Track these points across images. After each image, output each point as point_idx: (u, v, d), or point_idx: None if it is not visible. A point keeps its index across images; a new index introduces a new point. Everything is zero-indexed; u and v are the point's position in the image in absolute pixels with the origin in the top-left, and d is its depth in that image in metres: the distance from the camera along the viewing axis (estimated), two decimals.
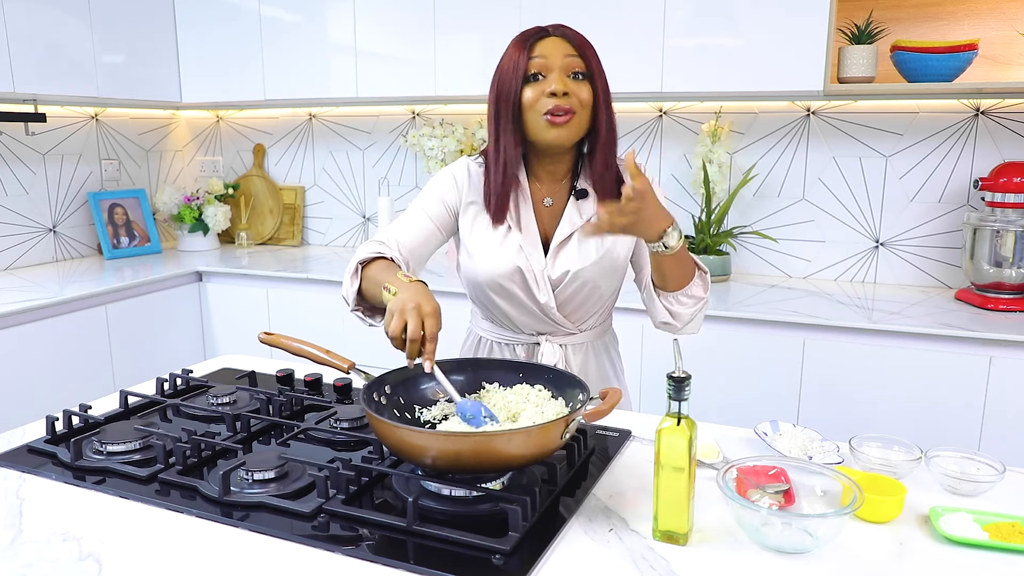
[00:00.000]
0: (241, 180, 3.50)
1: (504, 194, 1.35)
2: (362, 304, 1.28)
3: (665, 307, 1.31)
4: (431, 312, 1.06)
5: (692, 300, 1.29)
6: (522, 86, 1.28)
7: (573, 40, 1.30)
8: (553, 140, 1.29)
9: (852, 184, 2.58)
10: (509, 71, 1.30)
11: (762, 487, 0.98)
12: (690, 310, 1.30)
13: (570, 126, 1.28)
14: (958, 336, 1.98)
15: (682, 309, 1.30)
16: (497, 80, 1.32)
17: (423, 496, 1.00)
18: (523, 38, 1.31)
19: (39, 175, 2.93)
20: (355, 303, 1.27)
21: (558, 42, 1.29)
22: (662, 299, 1.31)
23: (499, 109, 1.32)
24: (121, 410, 1.35)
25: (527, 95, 1.28)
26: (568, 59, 1.28)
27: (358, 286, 1.25)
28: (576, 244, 1.36)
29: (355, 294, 1.26)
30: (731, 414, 2.12)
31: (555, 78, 1.26)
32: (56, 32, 2.61)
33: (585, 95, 1.28)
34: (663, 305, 1.31)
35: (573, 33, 1.31)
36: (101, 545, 0.92)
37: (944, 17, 2.40)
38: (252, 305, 2.86)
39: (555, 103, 1.26)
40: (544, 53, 1.28)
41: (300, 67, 2.90)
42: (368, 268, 1.25)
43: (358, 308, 1.28)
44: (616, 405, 1.15)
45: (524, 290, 1.36)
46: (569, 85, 1.27)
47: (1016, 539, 0.92)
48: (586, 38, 1.32)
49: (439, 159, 2.94)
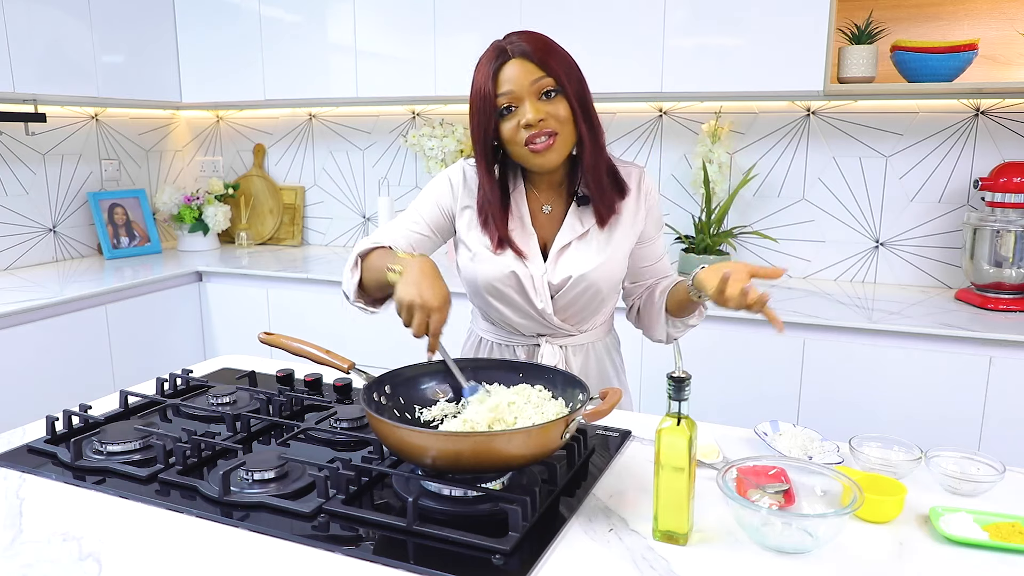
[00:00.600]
0: (241, 180, 3.50)
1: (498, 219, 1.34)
2: (363, 296, 1.29)
3: (668, 331, 1.43)
4: (438, 307, 1.07)
5: (687, 328, 1.44)
6: (498, 121, 1.27)
7: (535, 56, 1.23)
8: (541, 166, 1.28)
9: (852, 184, 2.58)
10: (479, 105, 1.27)
11: (762, 487, 0.98)
12: (682, 334, 1.45)
13: (555, 148, 1.26)
14: (958, 336, 1.97)
15: (677, 334, 1.45)
16: (473, 112, 1.29)
17: (423, 496, 1.00)
18: (486, 63, 1.26)
19: (39, 175, 2.93)
20: (355, 295, 1.28)
21: (521, 66, 1.23)
22: (668, 324, 1.42)
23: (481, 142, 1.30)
24: (121, 410, 1.35)
25: (505, 130, 1.27)
26: (535, 84, 1.23)
27: (359, 278, 1.26)
28: (578, 248, 1.35)
29: (356, 287, 1.26)
30: (731, 414, 2.12)
31: (527, 108, 1.23)
32: (56, 32, 2.61)
33: (562, 112, 1.25)
34: (665, 328, 1.43)
35: (533, 46, 1.24)
36: (101, 545, 0.92)
37: (944, 17, 2.40)
38: (252, 305, 2.86)
39: (532, 133, 1.24)
40: (510, 85, 1.23)
41: (300, 67, 2.90)
42: (367, 259, 1.26)
43: (359, 300, 1.29)
44: (616, 405, 1.15)
45: (521, 295, 1.36)
46: (542, 109, 1.24)
47: (1016, 539, 0.92)
48: (547, 43, 1.26)
49: (439, 159, 2.94)
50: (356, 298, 1.29)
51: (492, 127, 1.27)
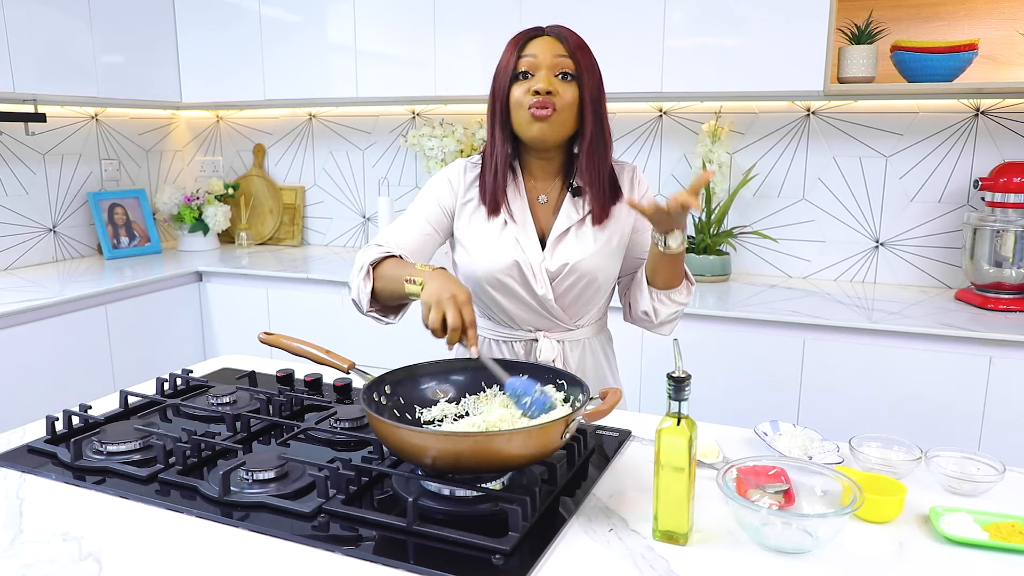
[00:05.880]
0: (241, 180, 3.50)
1: (498, 186, 1.37)
2: (375, 304, 1.29)
3: (651, 301, 1.37)
4: (466, 300, 1.09)
5: (673, 303, 1.37)
6: (511, 84, 1.31)
7: (567, 41, 1.30)
8: (536, 135, 1.31)
9: (852, 184, 2.58)
10: (501, 70, 1.33)
11: (762, 487, 0.98)
12: (669, 310, 1.38)
13: (552, 122, 1.29)
14: (958, 336, 1.97)
15: (663, 308, 1.37)
16: (493, 78, 1.35)
17: (423, 496, 1.00)
18: (518, 37, 1.33)
19: (39, 175, 2.93)
20: (369, 304, 1.28)
21: (551, 42, 1.30)
22: (653, 297, 1.37)
23: (493, 107, 1.35)
24: (121, 410, 1.35)
25: (515, 93, 1.31)
26: (557, 59, 1.29)
27: (372, 287, 1.26)
28: (574, 237, 1.37)
29: (369, 295, 1.27)
30: (731, 414, 2.12)
31: (541, 76, 1.28)
32: (56, 32, 2.61)
33: (570, 96, 1.30)
34: (649, 300, 1.37)
35: (569, 34, 1.32)
36: (101, 545, 0.92)
37: (944, 17, 2.40)
38: (252, 305, 2.86)
39: (538, 100, 1.28)
40: (534, 52, 1.30)
41: (300, 67, 2.90)
42: (380, 268, 1.27)
43: (372, 309, 1.29)
44: (616, 405, 1.15)
45: (522, 284, 1.37)
46: (555, 84, 1.29)
47: (1016, 539, 0.92)
48: (583, 41, 1.33)
49: (439, 159, 2.94)
50: (370, 308, 1.29)
51: (506, 89, 1.32)
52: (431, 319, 1.08)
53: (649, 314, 1.37)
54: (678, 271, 1.33)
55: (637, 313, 1.41)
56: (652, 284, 1.36)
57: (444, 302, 1.08)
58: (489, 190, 1.38)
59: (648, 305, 1.37)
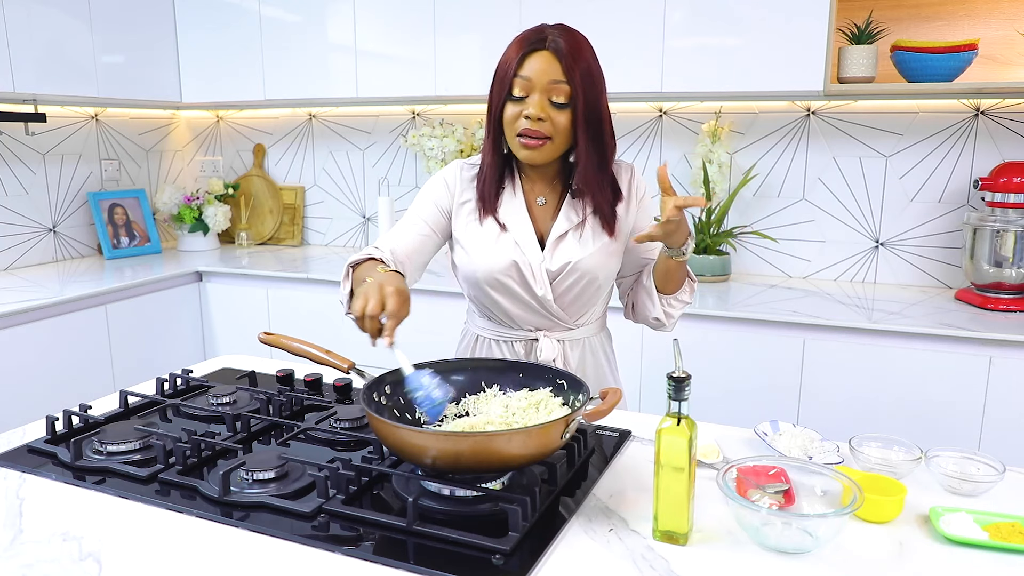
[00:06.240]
0: (241, 180, 3.49)
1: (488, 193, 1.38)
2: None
3: (664, 309, 1.41)
4: (393, 292, 1.05)
5: (680, 304, 1.42)
6: (505, 102, 1.31)
7: (564, 59, 1.26)
8: (525, 160, 1.33)
9: (852, 184, 2.58)
10: (499, 78, 1.32)
11: (762, 487, 0.98)
12: (678, 312, 1.42)
13: (542, 151, 1.30)
14: (958, 336, 1.97)
15: (673, 311, 1.42)
16: (492, 82, 1.34)
17: (423, 496, 1.00)
18: (519, 45, 1.29)
19: (39, 175, 2.93)
20: (348, 306, 1.28)
21: (548, 60, 1.26)
22: (663, 303, 1.40)
23: (489, 115, 1.36)
24: (121, 410, 1.35)
25: (508, 113, 1.31)
26: (552, 85, 1.27)
27: (350, 288, 1.26)
28: (574, 237, 1.38)
29: (348, 296, 1.27)
30: (731, 414, 2.12)
31: (534, 102, 1.27)
32: (56, 32, 2.61)
33: (563, 121, 1.29)
34: (660, 306, 1.40)
35: (569, 48, 1.27)
36: (101, 545, 0.92)
37: (944, 17, 2.40)
38: (252, 305, 2.86)
39: (529, 126, 1.28)
40: (529, 74, 1.27)
41: (300, 67, 2.90)
42: (357, 270, 1.27)
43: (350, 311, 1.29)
44: (616, 405, 1.15)
45: (522, 284, 1.37)
46: (548, 110, 1.28)
47: (1016, 539, 0.92)
48: (580, 50, 1.28)
49: (439, 159, 2.94)
50: (348, 308, 1.29)
51: (501, 103, 1.31)
52: (356, 306, 1.05)
53: (661, 319, 1.41)
54: (684, 274, 1.38)
55: (647, 319, 1.44)
56: (663, 291, 1.39)
57: (370, 292, 1.05)
58: (479, 195, 1.39)
59: (660, 312, 1.40)
